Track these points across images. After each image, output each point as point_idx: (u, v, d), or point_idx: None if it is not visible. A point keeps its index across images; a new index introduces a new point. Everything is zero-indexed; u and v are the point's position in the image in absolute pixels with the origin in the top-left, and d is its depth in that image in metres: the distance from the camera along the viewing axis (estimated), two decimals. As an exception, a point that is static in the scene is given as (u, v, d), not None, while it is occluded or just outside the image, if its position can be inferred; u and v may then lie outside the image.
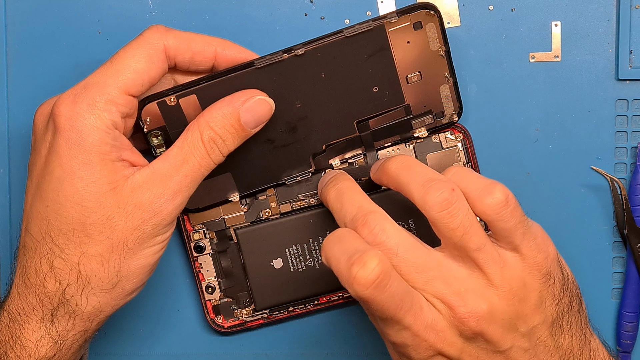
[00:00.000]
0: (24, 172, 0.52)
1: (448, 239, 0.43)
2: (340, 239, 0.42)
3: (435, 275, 0.43)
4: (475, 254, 0.42)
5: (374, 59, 0.49)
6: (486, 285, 0.43)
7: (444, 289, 0.42)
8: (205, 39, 0.47)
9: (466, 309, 0.42)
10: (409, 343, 0.42)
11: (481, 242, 0.43)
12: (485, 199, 0.43)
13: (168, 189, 0.44)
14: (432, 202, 0.42)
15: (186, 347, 0.55)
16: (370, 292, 0.40)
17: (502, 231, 0.43)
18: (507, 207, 0.42)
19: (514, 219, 0.43)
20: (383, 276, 0.40)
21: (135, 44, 0.45)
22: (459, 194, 0.43)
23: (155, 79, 0.46)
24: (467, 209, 0.43)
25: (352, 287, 0.40)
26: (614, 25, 0.53)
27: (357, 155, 0.51)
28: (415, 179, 0.44)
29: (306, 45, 0.48)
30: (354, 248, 0.41)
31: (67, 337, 0.45)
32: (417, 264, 0.42)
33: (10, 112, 0.54)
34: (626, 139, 0.53)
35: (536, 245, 0.44)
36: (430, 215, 0.43)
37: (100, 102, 0.44)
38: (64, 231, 0.44)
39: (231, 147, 0.46)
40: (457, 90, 0.50)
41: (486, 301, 0.42)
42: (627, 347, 0.54)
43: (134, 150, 0.46)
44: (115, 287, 0.45)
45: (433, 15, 0.48)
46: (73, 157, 0.43)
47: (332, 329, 0.55)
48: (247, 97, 0.46)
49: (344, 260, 0.41)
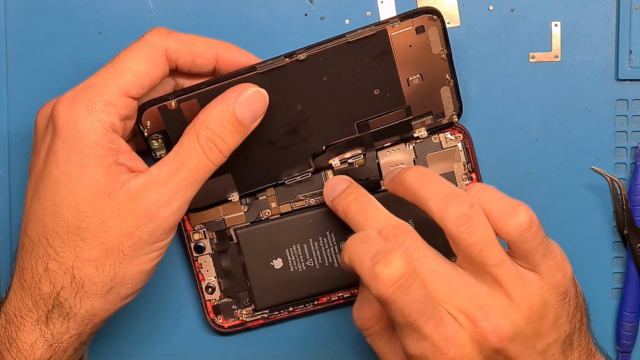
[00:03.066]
0: (24, 172, 0.52)
1: (466, 254, 0.42)
2: (365, 239, 0.42)
3: (458, 288, 0.42)
4: (495, 270, 0.42)
5: (376, 63, 0.49)
6: (507, 303, 0.42)
7: (467, 302, 0.42)
8: (207, 42, 0.47)
9: (489, 324, 0.42)
10: (428, 355, 0.41)
11: (500, 258, 0.42)
12: (509, 220, 0.42)
13: (164, 194, 0.44)
14: (450, 217, 0.42)
15: (186, 347, 0.55)
16: (392, 292, 0.39)
17: (523, 252, 0.42)
18: (530, 229, 0.42)
19: (536, 241, 0.42)
20: (407, 277, 0.39)
21: (136, 46, 0.45)
22: (478, 210, 0.42)
23: (156, 81, 0.46)
24: (487, 225, 0.42)
25: (374, 285, 0.40)
26: (614, 25, 0.53)
27: (356, 155, 0.51)
28: (433, 193, 0.43)
29: (308, 50, 0.48)
30: (378, 248, 0.41)
31: (61, 340, 0.45)
32: (441, 275, 0.42)
33: (10, 113, 0.54)
34: (626, 139, 0.53)
35: (555, 264, 0.43)
36: (448, 230, 0.42)
37: (99, 103, 0.44)
38: (60, 234, 0.44)
39: (231, 145, 0.45)
40: (458, 91, 0.50)
41: (508, 319, 0.42)
42: (627, 347, 0.54)
43: (133, 155, 0.45)
44: (109, 292, 0.45)
45: (436, 20, 0.48)
46: (70, 160, 0.43)
47: (332, 329, 0.55)
48: (240, 91, 0.46)
49: (367, 259, 0.40)
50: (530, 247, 0.42)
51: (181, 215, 0.45)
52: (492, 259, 0.42)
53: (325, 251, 0.52)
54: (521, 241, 0.42)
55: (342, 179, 0.50)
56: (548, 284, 0.43)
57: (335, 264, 0.52)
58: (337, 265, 0.52)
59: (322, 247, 0.52)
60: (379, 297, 0.40)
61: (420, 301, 0.40)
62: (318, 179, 0.52)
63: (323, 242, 0.52)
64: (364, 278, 0.40)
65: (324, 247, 0.52)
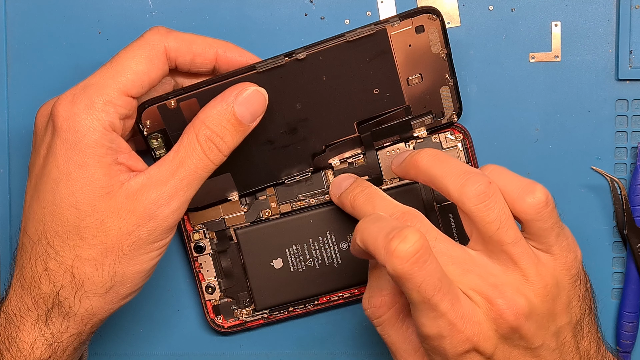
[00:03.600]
0: (24, 172, 0.52)
1: (483, 233, 0.42)
2: (378, 218, 0.42)
3: (471, 268, 0.42)
4: (510, 248, 0.42)
5: (375, 62, 0.49)
6: (522, 281, 0.43)
7: (481, 282, 0.42)
8: (206, 41, 0.47)
9: (505, 302, 0.42)
10: (445, 334, 0.41)
11: (516, 236, 0.42)
12: (526, 198, 0.42)
13: (163, 193, 0.44)
14: (469, 194, 0.42)
15: (186, 347, 0.55)
16: (409, 267, 0.39)
17: (538, 230, 0.43)
18: (546, 207, 0.42)
19: (551, 220, 0.43)
20: (423, 251, 0.39)
21: (135, 45, 0.45)
22: (495, 188, 0.42)
23: (155, 80, 0.46)
24: (503, 203, 0.42)
25: (390, 262, 0.39)
26: (614, 25, 0.53)
27: (356, 154, 0.51)
28: (450, 172, 0.43)
29: (308, 49, 0.48)
30: (392, 225, 0.41)
31: (61, 339, 0.45)
32: (454, 257, 0.42)
33: (10, 112, 0.54)
34: (626, 139, 0.53)
35: (568, 245, 0.44)
36: (466, 208, 0.42)
37: (98, 102, 0.44)
38: (60, 233, 0.44)
39: (230, 144, 0.45)
40: (458, 91, 0.50)
41: (523, 296, 0.42)
42: (627, 347, 0.54)
43: (133, 154, 0.45)
44: (109, 292, 0.45)
45: (435, 20, 0.48)
46: (69, 159, 0.43)
47: (332, 329, 0.55)
48: (239, 90, 0.46)
49: (382, 236, 0.40)
50: (545, 226, 0.43)
51: (181, 214, 0.45)
52: (509, 236, 0.42)
53: (325, 251, 0.52)
54: (537, 219, 0.43)
55: (348, 175, 0.51)
56: (561, 264, 0.43)
57: (335, 264, 0.52)
58: (337, 265, 0.52)
59: (322, 247, 0.52)
60: (395, 273, 0.40)
61: (437, 277, 0.40)
62: (318, 179, 0.52)
63: (323, 242, 0.52)
64: (378, 256, 0.40)
65: (324, 247, 0.52)
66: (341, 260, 0.52)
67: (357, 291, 0.53)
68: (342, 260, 0.52)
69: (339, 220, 0.52)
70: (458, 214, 0.51)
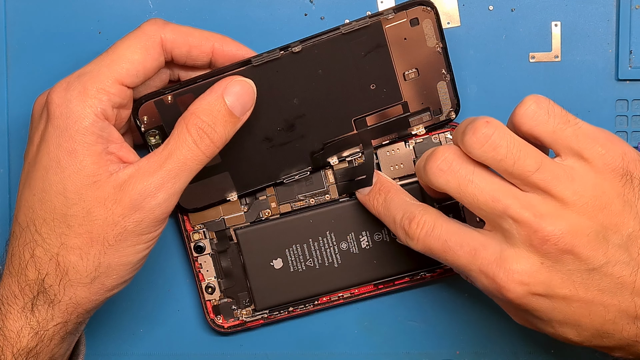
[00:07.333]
0: (24, 171, 0.52)
1: (505, 174, 0.42)
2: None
3: (510, 203, 0.42)
4: (536, 177, 0.41)
5: (371, 56, 0.49)
6: (559, 207, 0.41)
7: (522, 212, 0.42)
8: (203, 34, 0.47)
9: (546, 230, 0.41)
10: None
11: (537, 162, 0.41)
12: (517, 111, 0.42)
13: (150, 184, 0.44)
14: (470, 142, 0.42)
15: (186, 347, 0.55)
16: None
17: (550, 136, 0.42)
18: (539, 107, 0.42)
19: (553, 119, 0.42)
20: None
21: (132, 35, 0.45)
22: (495, 124, 0.42)
23: (151, 71, 0.46)
24: (510, 135, 0.42)
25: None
26: (614, 25, 0.53)
27: (355, 153, 0.51)
28: (457, 131, 0.44)
29: (303, 43, 0.48)
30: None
31: (47, 328, 0.45)
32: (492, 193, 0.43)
33: (10, 112, 0.54)
34: (626, 139, 0.53)
35: (601, 145, 0.42)
36: (477, 156, 0.42)
37: (92, 89, 0.44)
38: (47, 220, 0.44)
39: (222, 134, 0.45)
40: (455, 87, 0.50)
41: (564, 220, 0.41)
42: (627, 347, 0.54)
43: (125, 145, 0.45)
44: (93, 282, 0.45)
45: (430, 12, 0.49)
46: (60, 146, 0.43)
47: (332, 329, 0.55)
48: (228, 82, 0.46)
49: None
50: (551, 128, 0.42)
51: (169, 207, 0.45)
52: (529, 165, 0.41)
53: (325, 251, 0.52)
54: (537, 124, 0.42)
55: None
56: (600, 169, 0.42)
57: (335, 264, 0.52)
58: (337, 265, 0.52)
59: (322, 247, 0.52)
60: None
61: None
62: (318, 179, 0.52)
63: (323, 242, 0.52)
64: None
65: (324, 247, 0.52)
66: (341, 260, 0.52)
67: (357, 291, 0.53)
68: (342, 260, 0.52)
69: (339, 220, 0.52)
70: (458, 214, 0.51)
